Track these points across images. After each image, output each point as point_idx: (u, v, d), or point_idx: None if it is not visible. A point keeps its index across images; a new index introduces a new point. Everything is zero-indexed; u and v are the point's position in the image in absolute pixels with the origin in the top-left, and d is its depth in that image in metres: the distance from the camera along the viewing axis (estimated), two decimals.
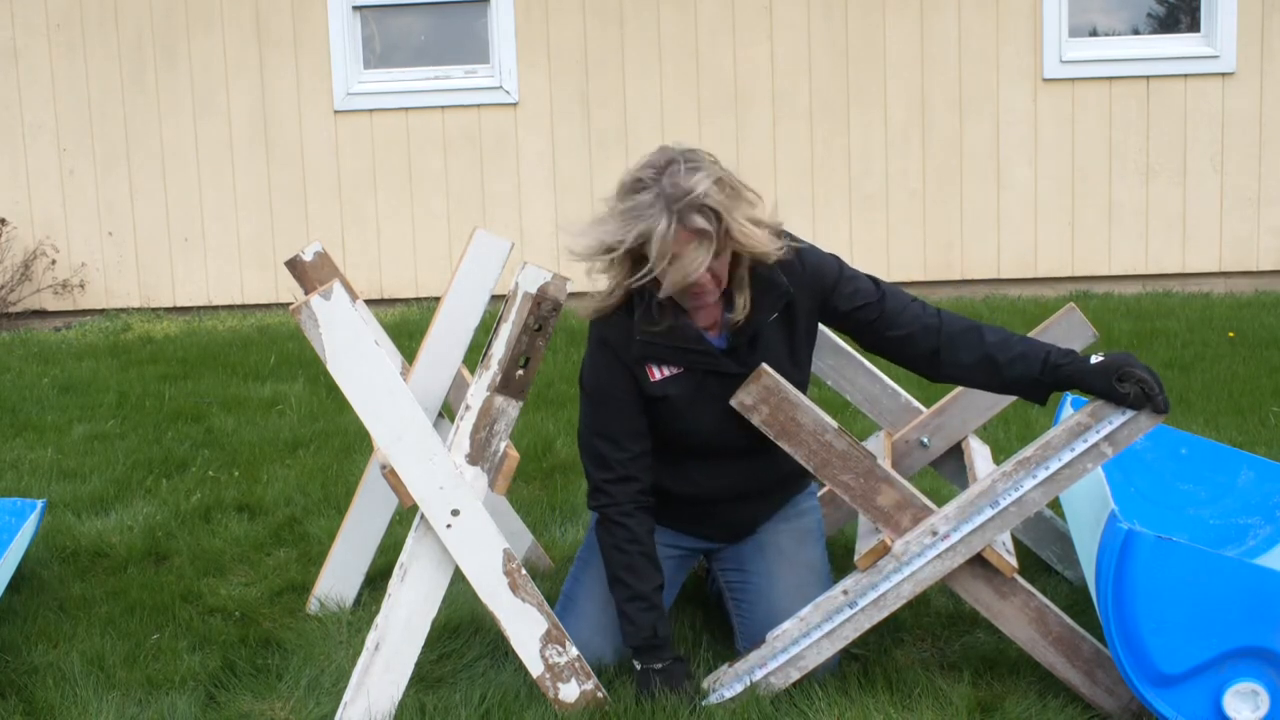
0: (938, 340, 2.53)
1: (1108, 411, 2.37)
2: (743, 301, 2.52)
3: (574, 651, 2.48)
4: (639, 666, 2.53)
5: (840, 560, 3.25)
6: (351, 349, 2.33)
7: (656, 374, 2.55)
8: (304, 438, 4.63)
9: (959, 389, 3.10)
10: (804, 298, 2.59)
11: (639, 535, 2.56)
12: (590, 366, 2.60)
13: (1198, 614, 2.25)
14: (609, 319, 2.56)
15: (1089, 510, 2.61)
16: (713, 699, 2.51)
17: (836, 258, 2.65)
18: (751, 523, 2.77)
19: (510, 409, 2.41)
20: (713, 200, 2.37)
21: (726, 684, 2.52)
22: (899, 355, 2.59)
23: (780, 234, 2.57)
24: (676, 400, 2.56)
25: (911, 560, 2.44)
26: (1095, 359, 2.40)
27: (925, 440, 3.11)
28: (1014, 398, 3.01)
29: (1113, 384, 2.35)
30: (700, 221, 2.35)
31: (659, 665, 2.51)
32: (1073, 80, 7.24)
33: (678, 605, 2.96)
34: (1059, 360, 2.43)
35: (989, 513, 2.41)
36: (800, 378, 2.59)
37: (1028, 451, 2.40)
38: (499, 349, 2.37)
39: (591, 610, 2.70)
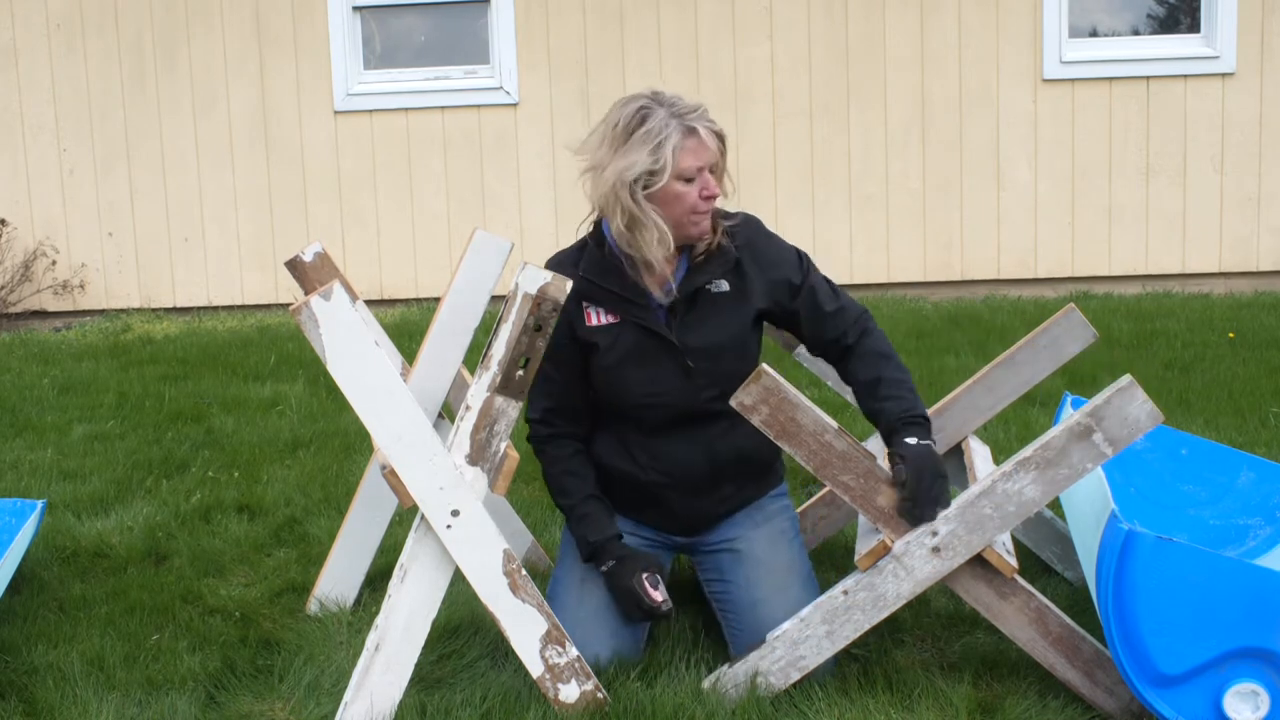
0: (849, 354, 2.69)
1: (1108, 411, 2.37)
2: (704, 248, 2.63)
3: (574, 652, 2.48)
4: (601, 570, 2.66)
5: (840, 560, 3.26)
6: (351, 350, 2.33)
7: (593, 318, 2.64)
8: (304, 438, 4.63)
9: (959, 390, 3.11)
10: (762, 281, 2.66)
11: (558, 457, 2.71)
12: None
13: (1198, 614, 2.25)
14: (560, 262, 2.67)
15: (1089, 511, 2.61)
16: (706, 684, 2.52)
17: (798, 250, 2.74)
18: (705, 517, 2.76)
19: (510, 409, 2.41)
20: (712, 116, 2.57)
21: (727, 684, 2.52)
22: (815, 350, 2.77)
23: (748, 217, 2.72)
24: (605, 352, 2.63)
25: (911, 560, 2.44)
26: (904, 452, 2.46)
27: None
28: (1014, 399, 3.06)
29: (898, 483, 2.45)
30: (711, 126, 2.53)
31: (605, 568, 2.64)
32: (1073, 80, 7.24)
33: (678, 605, 2.95)
34: (888, 431, 2.55)
35: (989, 513, 2.41)
36: (745, 367, 2.55)
37: (1027, 451, 2.40)
38: (499, 349, 2.37)
39: (569, 606, 2.69)
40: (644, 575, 2.60)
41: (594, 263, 2.62)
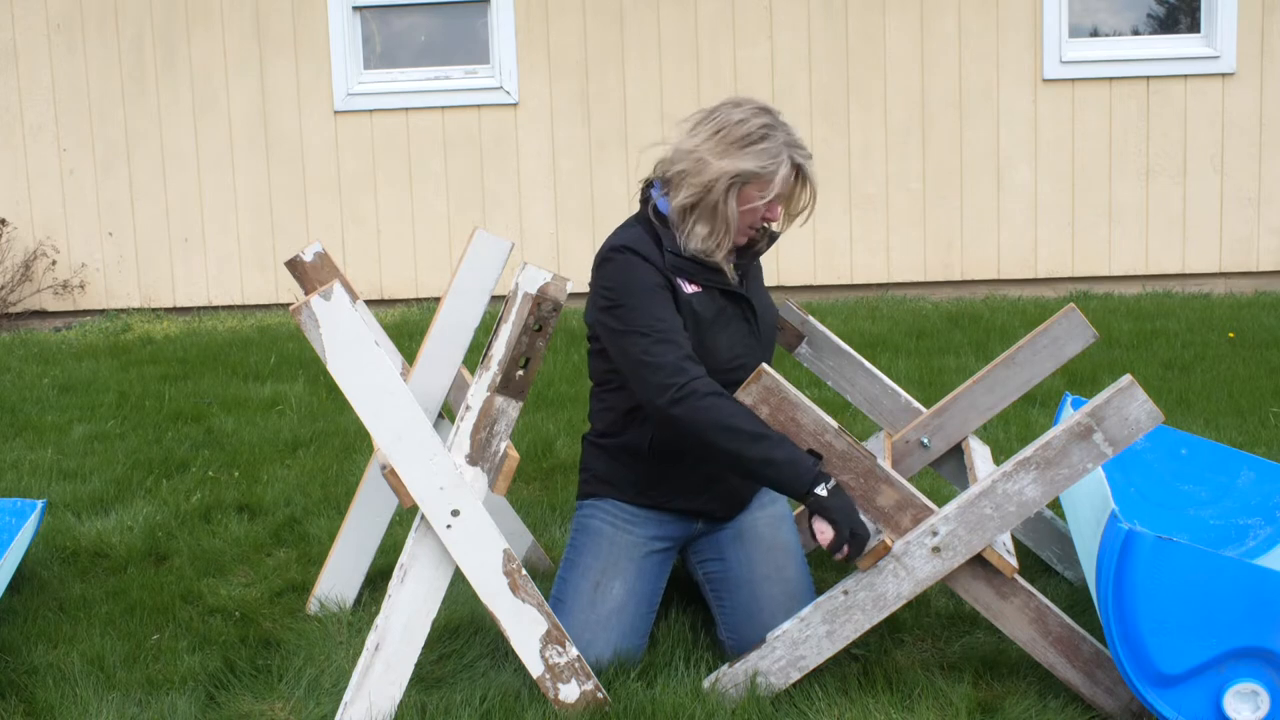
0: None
1: (1108, 411, 2.37)
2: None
3: (574, 652, 2.48)
4: (824, 493, 2.44)
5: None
6: (351, 349, 2.33)
7: (686, 287, 2.72)
8: (304, 438, 4.63)
9: (959, 390, 3.10)
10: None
11: (729, 399, 2.52)
12: (627, 273, 2.65)
13: (1198, 614, 2.25)
14: (639, 241, 2.72)
15: (1089, 510, 2.62)
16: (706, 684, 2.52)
17: None
18: (742, 494, 2.83)
19: (510, 409, 2.41)
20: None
21: (727, 684, 2.52)
22: None
23: None
24: (701, 313, 2.71)
25: (912, 560, 2.44)
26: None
27: (925, 441, 3.11)
28: (1014, 399, 3.06)
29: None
30: (809, 175, 2.72)
31: (830, 484, 2.46)
32: (1073, 80, 7.24)
33: (679, 604, 2.96)
34: None
35: (989, 513, 2.41)
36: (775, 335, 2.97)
37: (1028, 451, 2.40)
38: (499, 349, 2.37)
39: (579, 609, 2.70)
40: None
41: (674, 241, 2.74)
